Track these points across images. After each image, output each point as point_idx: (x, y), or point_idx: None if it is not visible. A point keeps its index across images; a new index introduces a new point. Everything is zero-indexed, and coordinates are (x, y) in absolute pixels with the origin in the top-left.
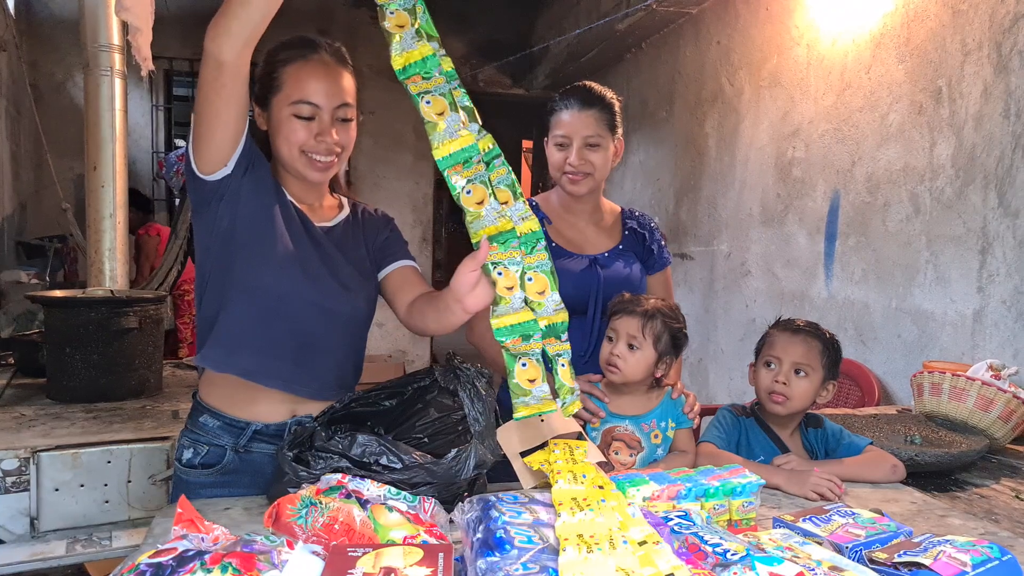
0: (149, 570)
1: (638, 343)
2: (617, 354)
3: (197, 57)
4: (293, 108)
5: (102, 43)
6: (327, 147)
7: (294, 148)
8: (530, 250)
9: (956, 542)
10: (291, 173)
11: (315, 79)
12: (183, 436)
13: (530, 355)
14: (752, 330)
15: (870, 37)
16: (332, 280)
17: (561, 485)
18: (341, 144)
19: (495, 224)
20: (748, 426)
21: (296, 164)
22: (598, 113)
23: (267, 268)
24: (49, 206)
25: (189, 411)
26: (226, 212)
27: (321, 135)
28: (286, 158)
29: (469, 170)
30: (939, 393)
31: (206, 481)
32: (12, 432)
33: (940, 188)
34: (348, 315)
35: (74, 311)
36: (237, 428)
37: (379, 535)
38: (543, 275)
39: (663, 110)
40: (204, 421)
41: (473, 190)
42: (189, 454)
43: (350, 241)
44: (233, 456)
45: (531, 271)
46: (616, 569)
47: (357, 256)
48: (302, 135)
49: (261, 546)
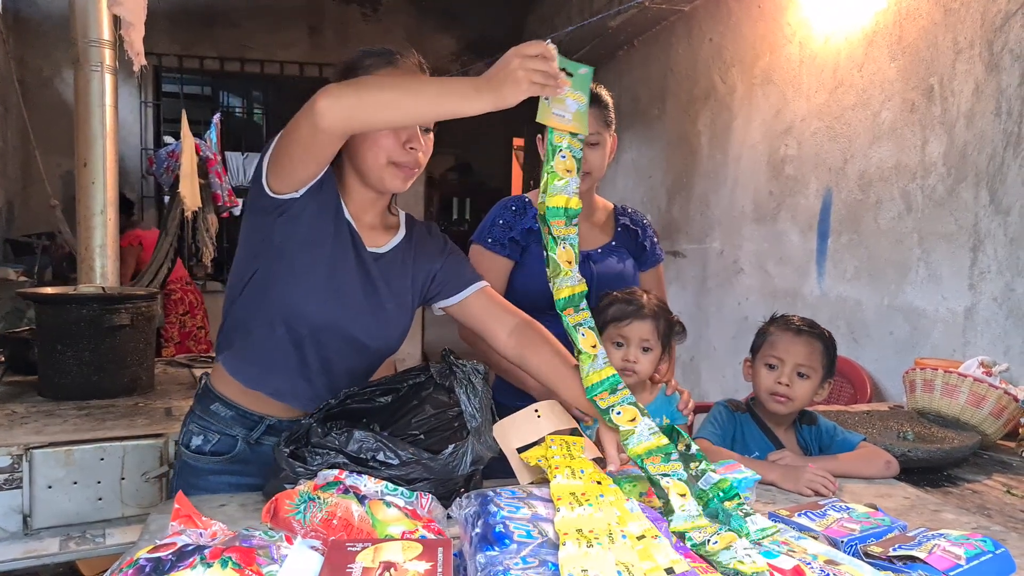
0: (148, 565)
1: (650, 344)
2: (633, 359)
3: (186, 53)
4: None
5: (92, 38)
6: (414, 156)
7: (382, 157)
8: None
9: (950, 536)
10: (370, 183)
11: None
12: (191, 421)
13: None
14: (745, 328)
15: (863, 35)
16: (371, 317)
17: (560, 480)
18: (426, 153)
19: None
20: (743, 422)
21: (382, 173)
22: (596, 110)
23: (311, 298)
24: (36, 203)
25: (198, 393)
26: (281, 230)
27: (410, 142)
28: (371, 167)
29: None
30: (931, 390)
31: (215, 468)
32: (4, 429)
33: (932, 186)
34: (381, 349)
35: (65, 308)
36: (251, 420)
37: (377, 530)
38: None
39: (655, 108)
40: (216, 409)
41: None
42: (199, 441)
43: (398, 269)
44: (244, 447)
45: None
46: (616, 563)
47: (401, 287)
48: (391, 141)
49: (260, 541)
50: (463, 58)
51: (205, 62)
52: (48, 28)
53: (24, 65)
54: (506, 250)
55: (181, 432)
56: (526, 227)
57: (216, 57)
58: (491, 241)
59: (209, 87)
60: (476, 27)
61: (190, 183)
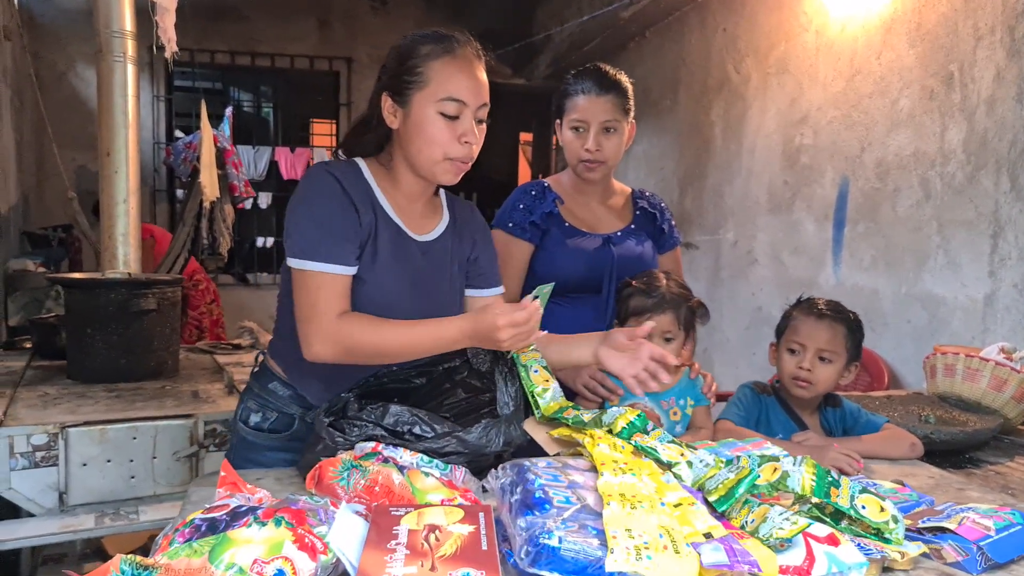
0: (204, 524)
1: (672, 334)
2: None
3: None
4: (440, 105)
5: (115, 29)
6: (469, 150)
7: (438, 153)
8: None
9: (978, 509)
10: (422, 174)
11: (464, 75)
12: (248, 399)
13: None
14: (758, 318)
15: (880, 22)
16: (423, 312)
17: (603, 448)
18: (479, 143)
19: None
20: (768, 404)
21: (435, 168)
22: (614, 98)
23: (366, 306)
24: (52, 197)
25: (255, 371)
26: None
27: (465, 136)
28: (425, 162)
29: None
30: (953, 374)
31: (273, 445)
32: (39, 409)
33: (951, 173)
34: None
35: (94, 292)
36: (309, 402)
37: (417, 498)
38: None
39: (667, 99)
40: (274, 388)
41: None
42: (257, 418)
43: (447, 255)
44: (302, 425)
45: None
46: (658, 526)
47: (452, 274)
48: (447, 135)
49: (307, 504)
50: None
51: (216, 56)
52: (63, 23)
53: (39, 60)
54: (527, 234)
55: (238, 408)
56: (546, 211)
57: (227, 51)
58: (512, 225)
59: (220, 82)
60: (485, 20)
61: (209, 173)
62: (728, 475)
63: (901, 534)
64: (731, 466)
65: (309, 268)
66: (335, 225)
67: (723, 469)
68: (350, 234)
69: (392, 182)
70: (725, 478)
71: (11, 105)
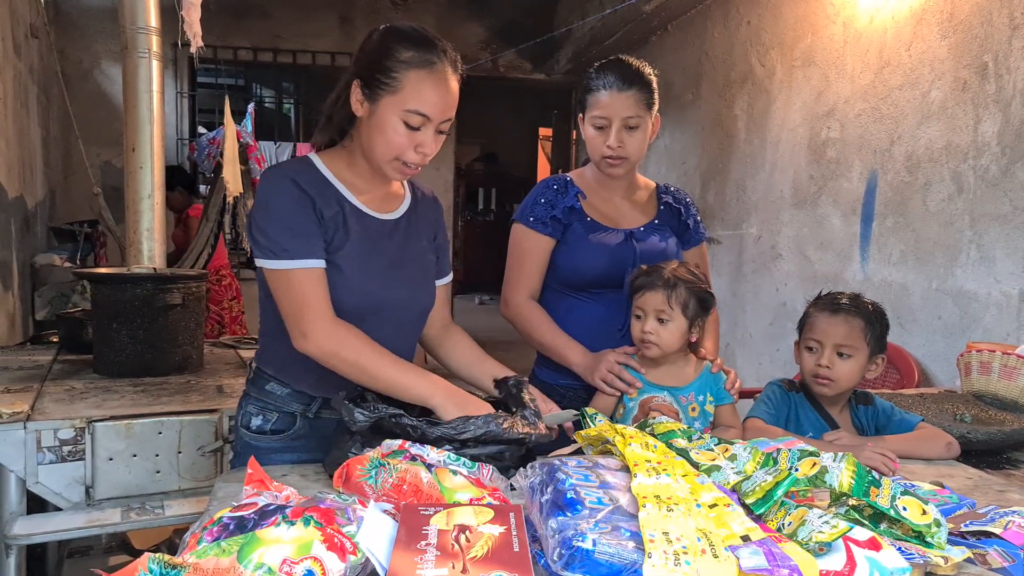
0: (232, 522)
1: (667, 315)
2: (649, 331)
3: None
4: (405, 115)
5: (140, 25)
6: (422, 159)
7: (391, 152)
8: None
9: (1023, 512)
10: (373, 167)
11: (436, 92)
12: (248, 403)
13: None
14: (782, 314)
15: (911, 13)
16: (402, 289)
17: (635, 448)
18: (433, 154)
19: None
20: (798, 402)
21: (385, 166)
22: (637, 93)
23: (346, 294)
24: (78, 192)
25: (249, 377)
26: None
27: (421, 147)
28: (378, 158)
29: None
30: (988, 372)
31: (276, 446)
32: (66, 403)
33: (985, 166)
34: (416, 315)
35: (121, 287)
36: (307, 396)
37: (445, 496)
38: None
39: (689, 92)
40: (272, 388)
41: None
42: (259, 421)
43: (413, 230)
44: (303, 422)
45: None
46: (695, 529)
47: (422, 249)
48: (404, 143)
49: (334, 503)
50: (492, 46)
51: (239, 53)
52: (88, 21)
53: (64, 57)
54: (548, 228)
55: (238, 414)
56: (568, 205)
57: (249, 48)
58: (533, 220)
59: (243, 78)
60: (505, 15)
61: (232, 168)
62: (766, 477)
63: (944, 538)
64: (769, 468)
65: (286, 267)
66: (298, 223)
67: (760, 471)
68: (314, 229)
69: (351, 166)
70: (763, 480)
71: (38, 102)
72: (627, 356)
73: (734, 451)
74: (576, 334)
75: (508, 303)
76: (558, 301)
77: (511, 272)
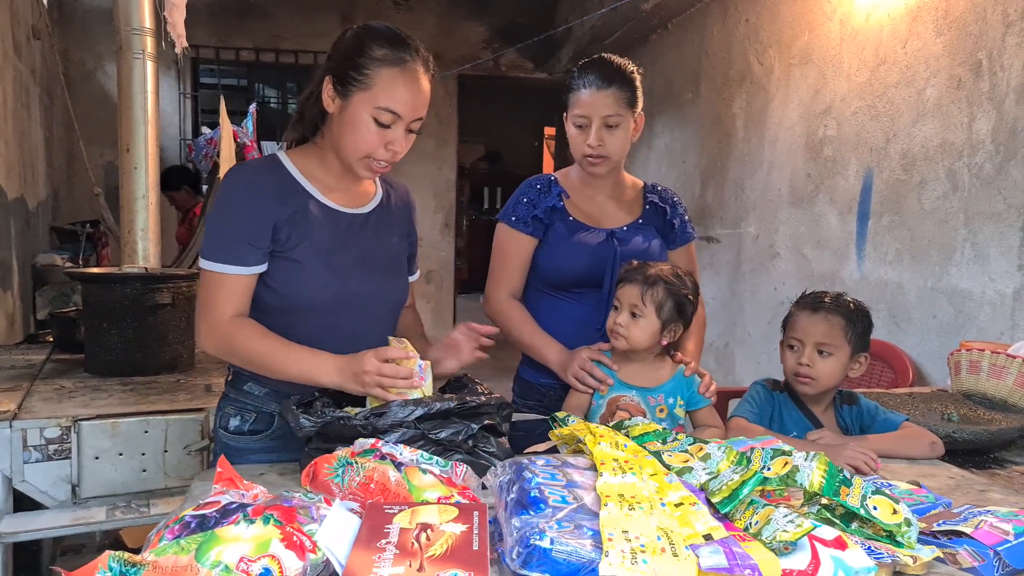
0: (194, 521)
1: (640, 311)
2: (620, 323)
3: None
4: (376, 112)
5: (135, 26)
6: (392, 156)
7: (361, 150)
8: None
9: (998, 512)
10: (343, 164)
11: (407, 90)
12: (226, 404)
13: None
14: (781, 312)
15: (906, 11)
16: (371, 283)
17: (604, 447)
18: (403, 152)
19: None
20: (782, 401)
21: (355, 164)
22: (617, 91)
23: (312, 289)
24: (80, 192)
25: (228, 379)
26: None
27: (391, 144)
28: (347, 155)
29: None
30: (978, 371)
31: (255, 447)
32: (54, 402)
33: (979, 164)
34: (388, 308)
35: (110, 287)
36: (283, 395)
37: (413, 495)
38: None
39: (689, 91)
40: (250, 388)
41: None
42: (237, 421)
43: (383, 224)
44: (282, 422)
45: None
46: (656, 528)
47: (392, 244)
48: (374, 140)
49: (300, 502)
50: (493, 45)
51: (241, 53)
52: (90, 22)
53: (67, 58)
54: (529, 228)
55: (217, 416)
56: (550, 205)
57: (251, 48)
58: (515, 219)
59: (245, 78)
60: (506, 14)
61: (228, 168)
62: (733, 476)
63: (914, 537)
64: (737, 467)
65: (209, 268)
66: (240, 227)
67: (728, 470)
68: (255, 235)
69: (322, 163)
70: (729, 479)
71: (40, 102)
72: (600, 353)
73: (708, 450)
74: (557, 333)
75: (489, 301)
76: (539, 300)
77: (493, 271)
